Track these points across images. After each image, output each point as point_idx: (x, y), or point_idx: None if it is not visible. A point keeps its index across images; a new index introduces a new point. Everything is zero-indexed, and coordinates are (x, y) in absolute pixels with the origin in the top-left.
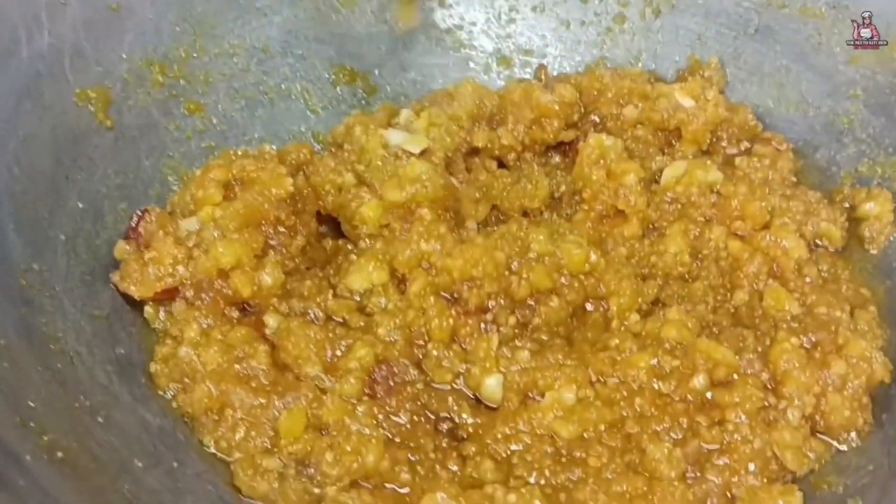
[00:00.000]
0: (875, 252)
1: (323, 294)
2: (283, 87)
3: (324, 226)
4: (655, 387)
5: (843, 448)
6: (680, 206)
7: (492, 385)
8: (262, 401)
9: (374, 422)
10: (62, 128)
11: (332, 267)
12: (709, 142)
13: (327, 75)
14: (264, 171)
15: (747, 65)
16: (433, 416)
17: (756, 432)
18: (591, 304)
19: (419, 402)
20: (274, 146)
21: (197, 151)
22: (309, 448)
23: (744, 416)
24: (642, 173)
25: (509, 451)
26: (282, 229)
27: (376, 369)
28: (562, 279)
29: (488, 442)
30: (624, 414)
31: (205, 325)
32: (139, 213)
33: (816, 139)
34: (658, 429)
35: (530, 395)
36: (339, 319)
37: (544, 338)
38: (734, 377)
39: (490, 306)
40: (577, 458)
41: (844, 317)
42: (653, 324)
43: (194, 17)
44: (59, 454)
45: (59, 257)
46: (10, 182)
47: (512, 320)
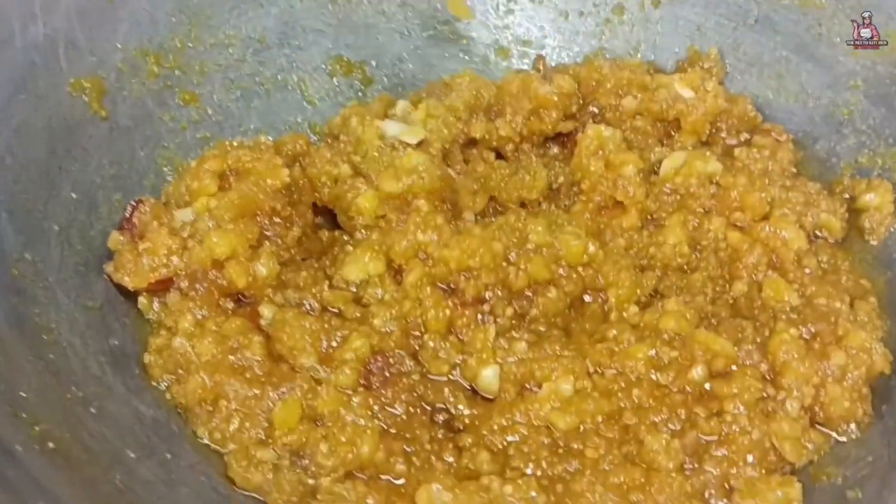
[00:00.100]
0: (875, 243)
1: (318, 285)
2: (279, 77)
3: (320, 217)
4: (653, 378)
5: (843, 439)
6: (679, 198)
7: (488, 376)
8: (256, 392)
9: (370, 413)
10: (56, 118)
11: (328, 258)
12: (708, 133)
13: (324, 66)
14: (260, 162)
15: (747, 55)
16: (429, 408)
17: (755, 423)
18: (590, 296)
19: (415, 394)
20: (270, 137)
21: (192, 142)
22: (303, 439)
23: (742, 407)
24: (641, 164)
25: (506, 443)
26: (277, 220)
27: (372, 360)
28: (560, 270)
29: (485, 433)
30: (622, 405)
31: (199, 316)
32: (133, 204)
33: (816, 130)
34: (656, 420)
35: (527, 386)
36: (335, 310)
37: (542, 329)
38: (733, 368)
39: (487, 297)
40: (575, 449)
41: (844, 308)
42: (651, 315)
43: (190, 8)
44: (51, 445)
45: (52, 248)
46: (2, 172)
47: (509, 311)
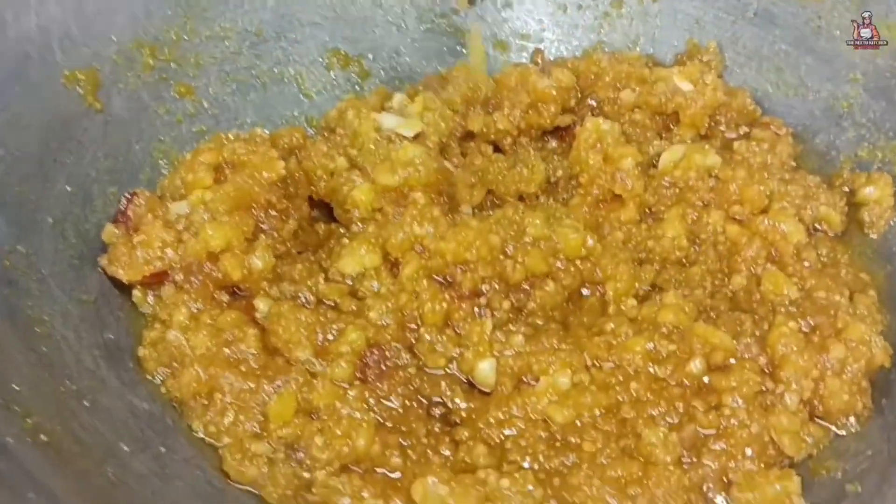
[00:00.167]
0: (875, 237)
1: (314, 278)
2: (275, 71)
3: (316, 210)
4: (651, 371)
5: (842, 433)
6: (678, 191)
7: (485, 369)
8: (251, 385)
9: (365, 406)
10: (50, 110)
11: (325, 251)
12: (707, 126)
13: (321, 59)
14: (255, 155)
15: (746, 49)
16: (425, 401)
17: (753, 417)
18: (588, 289)
19: (411, 387)
20: (266, 130)
21: (188, 135)
22: (299, 432)
23: (741, 401)
24: (640, 157)
25: (503, 436)
26: (273, 213)
27: (368, 353)
28: (558, 263)
29: (481, 427)
30: (619, 398)
31: (194, 309)
32: (128, 196)
33: (816, 123)
34: (654, 413)
35: (524, 379)
36: (331, 303)
37: (539, 322)
38: (731, 361)
39: (484, 290)
40: (572, 443)
41: (843, 301)
42: (649, 308)
43: (186, 0)
44: (43, 437)
45: (45, 240)
46: None
47: (506, 304)
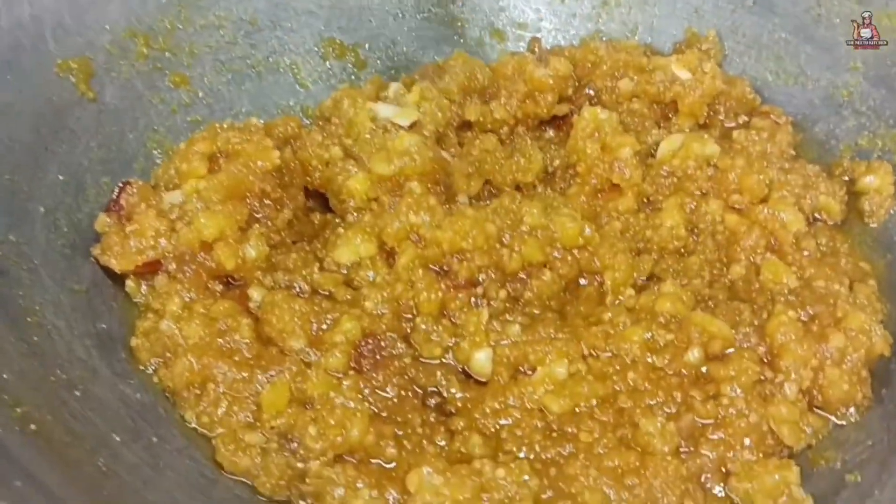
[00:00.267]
0: (875, 226)
1: (309, 267)
2: (271, 60)
3: (312, 200)
4: (649, 360)
5: (842, 423)
6: (676, 180)
7: (481, 359)
8: (244, 375)
9: (360, 396)
10: (43, 99)
11: (320, 241)
12: (706, 115)
13: (317, 49)
14: (250, 144)
15: (745, 38)
16: (421, 391)
17: (752, 406)
18: (585, 279)
19: (406, 377)
20: (261, 120)
21: (183, 125)
22: (292, 422)
23: (739, 390)
24: (638, 147)
25: (498, 426)
26: (268, 202)
27: (363, 343)
28: (555, 253)
29: (477, 416)
30: (616, 388)
31: (187, 299)
32: (120, 185)
33: (815, 112)
34: (651, 403)
35: (521, 369)
36: (326, 293)
37: (536, 312)
38: (730, 351)
39: (480, 279)
40: (569, 432)
41: (843, 290)
42: (647, 297)
43: None
44: (33, 427)
45: (37, 230)
46: None
47: (503, 294)
